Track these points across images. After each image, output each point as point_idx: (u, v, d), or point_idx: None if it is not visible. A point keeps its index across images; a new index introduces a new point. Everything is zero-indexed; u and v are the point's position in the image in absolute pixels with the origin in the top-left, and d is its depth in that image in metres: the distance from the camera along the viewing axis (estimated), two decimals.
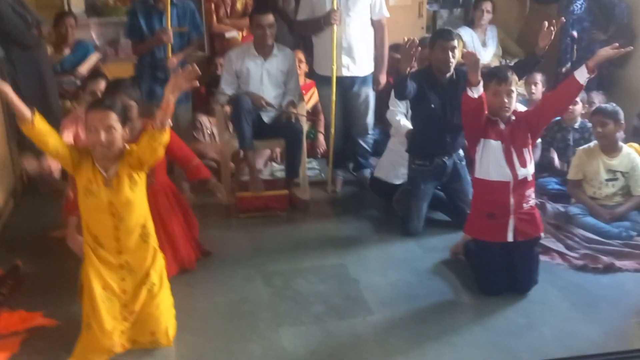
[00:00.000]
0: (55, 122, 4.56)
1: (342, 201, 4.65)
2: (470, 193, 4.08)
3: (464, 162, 4.08)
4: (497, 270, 3.27)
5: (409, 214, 4.04)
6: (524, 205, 3.24)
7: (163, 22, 4.44)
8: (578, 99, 4.45)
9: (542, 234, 3.38)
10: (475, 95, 3.13)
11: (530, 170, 3.25)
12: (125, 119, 2.79)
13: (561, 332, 2.97)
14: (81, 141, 3.26)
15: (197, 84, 2.69)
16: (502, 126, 3.24)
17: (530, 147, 3.27)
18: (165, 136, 2.67)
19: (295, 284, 3.46)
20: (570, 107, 4.09)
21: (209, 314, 3.19)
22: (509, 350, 2.83)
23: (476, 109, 3.18)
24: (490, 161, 3.24)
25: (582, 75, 3.08)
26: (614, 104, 4.06)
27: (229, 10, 5.55)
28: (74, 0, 5.57)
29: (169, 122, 2.65)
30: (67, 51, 5.12)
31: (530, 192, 3.27)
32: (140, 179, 2.83)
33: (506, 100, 3.20)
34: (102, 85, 3.58)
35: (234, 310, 3.22)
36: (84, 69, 5.07)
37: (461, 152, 4.08)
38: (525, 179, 3.23)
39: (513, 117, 3.26)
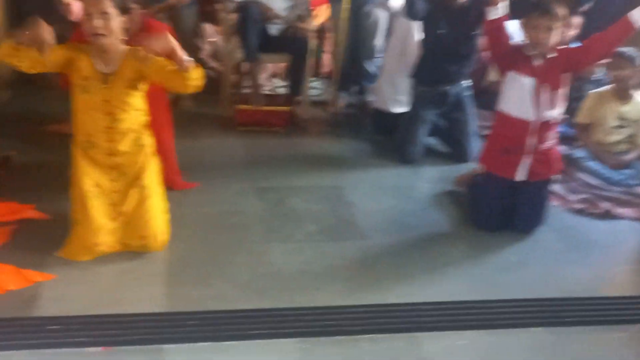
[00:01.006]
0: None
1: (342, 123, 4.57)
2: (471, 125, 4.03)
3: (468, 93, 3.98)
4: (498, 207, 3.22)
5: (406, 139, 3.97)
6: (543, 145, 3.13)
7: None
8: None
9: (554, 177, 3.29)
10: (493, 17, 2.98)
11: (557, 111, 3.10)
12: (124, 8, 2.66)
13: (552, 272, 2.96)
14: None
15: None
16: (537, 62, 3.07)
17: (564, 88, 3.10)
18: (195, 75, 2.58)
19: (289, 201, 3.43)
20: None
21: (199, 223, 3.16)
22: (497, 284, 2.83)
23: (496, 32, 3.02)
24: (516, 97, 3.08)
25: (638, 16, 2.87)
26: (636, 49, 3.91)
27: None
28: None
29: (188, 59, 2.54)
30: None
31: (553, 134, 3.15)
32: (142, 87, 2.73)
33: (543, 35, 2.98)
34: None
35: (225, 222, 3.20)
36: None
37: (467, 82, 3.97)
38: (549, 120, 3.08)
39: (554, 54, 3.07)
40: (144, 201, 2.81)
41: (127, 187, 2.80)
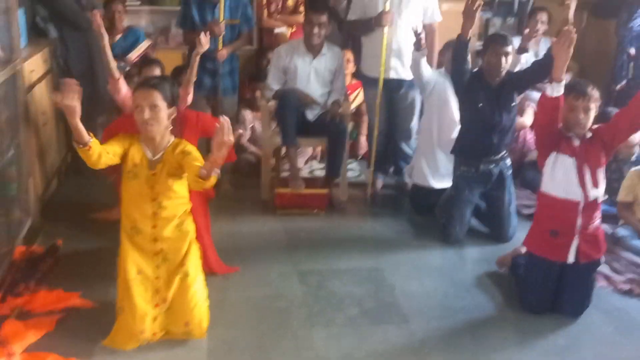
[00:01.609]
0: (102, 105, 4.69)
1: (380, 204, 4.60)
2: (512, 204, 4.02)
3: (510, 172, 4.00)
4: (545, 289, 3.17)
5: (450, 220, 3.98)
6: (590, 226, 3.10)
7: (216, 13, 4.43)
8: None
9: (603, 257, 3.24)
10: (554, 94, 2.96)
11: (601, 191, 3.09)
12: (172, 100, 2.80)
13: (602, 356, 2.87)
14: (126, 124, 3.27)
15: (232, 139, 2.57)
16: (577, 142, 3.09)
17: (603, 167, 3.11)
18: (209, 183, 2.64)
19: (330, 284, 3.43)
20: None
21: (242, 308, 3.18)
22: None
23: (551, 110, 3.01)
24: (561, 178, 3.08)
25: None
26: None
27: (280, 6, 5.53)
28: None
29: (216, 171, 2.60)
30: (118, 36, 5.15)
31: (598, 213, 3.13)
32: (184, 176, 2.83)
33: (582, 117, 3.02)
34: (156, 71, 3.62)
35: (268, 306, 3.20)
36: (134, 55, 5.10)
37: (509, 161, 4.00)
38: (595, 200, 3.07)
39: (589, 134, 3.10)
40: (187, 288, 2.83)
41: (170, 274, 2.85)
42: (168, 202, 2.82)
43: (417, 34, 4.07)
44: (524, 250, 3.48)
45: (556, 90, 2.96)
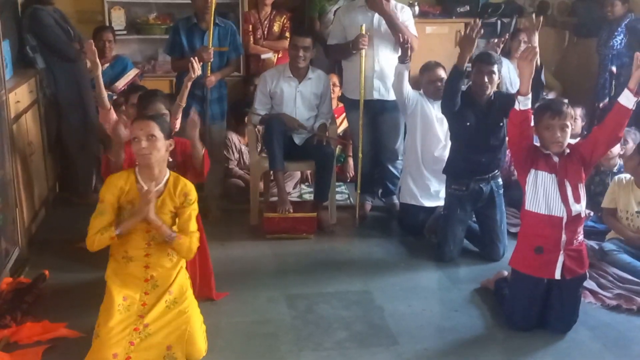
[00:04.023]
0: (92, 134, 4.71)
1: (369, 226, 4.60)
2: (503, 223, 4.04)
3: (501, 191, 4.02)
4: (532, 306, 3.17)
5: (444, 239, 3.99)
6: (574, 241, 3.12)
7: (204, 40, 4.47)
8: (629, 139, 4.39)
9: (587, 272, 3.26)
10: (522, 108, 3.03)
11: (583, 205, 3.12)
12: (169, 132, 2.85)
13: None
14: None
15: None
16: (556, 159, 3.13)
17: (584, 181, 3.15)
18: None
19: (319, 308, 3.43)
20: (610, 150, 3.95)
21: (231, 333, 3.16)
22: None
23: (521, 124, 3.06)
24: (544, 194, 3.11)
25: (628, 99, 2.96)
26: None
27: (265, 32, 5.59)
28: (115, 17, 5.67)
29: (172, 237, 2.82)
30: (106, 65, 5.19)
31: (581, 228, 3.16)
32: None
33: (559, 135, 3.07)
34: None
35: (256, 331, 3.19)
36: (122, 83, 5.14)
37: (500, 180, 4.03)
38: (578, 214, 3.10)
39: (567, 151, 3.14)
40: (170, 312, 2.83)
41: (157, 300, 2.85)
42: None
43: (403, 45, 4.11)
44: (506, 274, 3.51)
45: (523, 103, 3.03)
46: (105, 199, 2.83)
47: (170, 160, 3.17)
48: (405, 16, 4.48)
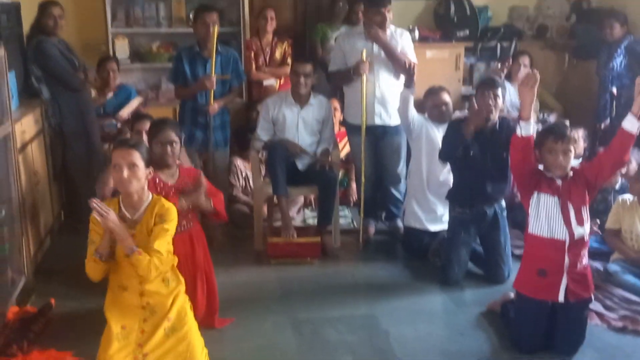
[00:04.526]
0: (97, 162, 4.75)
1: (373, 250, 4.62)
2: (507, 245, 4.05)
3: (504, 213, 4.04)
4: (537, 328, 3.16)
5: (449, 262, 4.00)
6: (578, 264, 3.11)
7: (207, 69, 4.53)
8: (633, 159, 4.42)
9: (592, 295, 3.25)
10: (523, 134, 3.06)
11: (587, 229, 3.12)
12: (149, 160, 2.86)
13: None
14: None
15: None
16: (559, 182, 3.14)
17: (587, 204, 3.15)
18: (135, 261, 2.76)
19: (324, 333, 3.43)
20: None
21: (237, 359, 3.15)
22: None
23: (523, 150, 3.08)
24: (546, 217, 3.12)
25: (632, 124, 2.97)
26: None
27: (267, 59, 5.66)
28: (119, 46, 5.74)
29: (132, 250, 2.73)
30: (110, 94, 5.25)
31: (585, 251, 3.15)
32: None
33: (562, 159, 3.08)
34: (147, 125, 3.68)
35: (262, 357, 3.20)
36: (126, 112, 5.19)
37: (503, 202, 4.04)
38: (582, 238, 3.10)
39: (570, 174, 3.15)
40: (168, 338, 2.83)
41: (155, 327, 2.84)
42: None
43: (407, 71, 4.15)
44: (512, 295, 3.51)
45: (524, 129, 3.07)
46: (92, 229, 2.84)
47: (184, 203, 3.25)
48: (405, 42, 4.54)
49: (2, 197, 3.57)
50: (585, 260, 3.15)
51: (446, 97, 4.40)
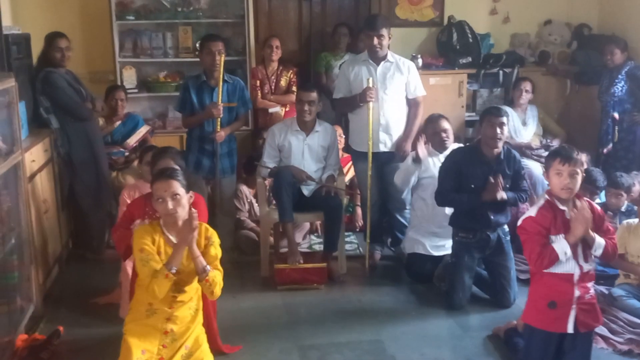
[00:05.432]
0: (105, 191, 4.80)
1: (379, 275, 4.63)
2: (512, 269, 4.05)
3: (508, 237, 4.06)
4: (545, 357, 3.10)
5: (453, 286, 4.01)
6: (586, 296, 3.06)
7: (214, 97, 4.60)
8: (636, 182, 4.47)
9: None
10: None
11: (595, 263, 3.10)
12: (187, 186, 2.92)
13: None
14: (140, 204, 3.40)
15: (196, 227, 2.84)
16: (568, 216, 3.03)
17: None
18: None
19: (331, 358, 3.44)
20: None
21: None
22: None
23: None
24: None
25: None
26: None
27: (273, 87, 5.74)
28: (126, 76, 5.83)
29: (207, 269, 2.85)
30: (118, 123, 5.32)
31: (592, 282, 3.11)
32: None
33: (568, 181, 3.01)
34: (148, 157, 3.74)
35: None
36: (133, 140, 5.26)
37: (506, 227, 4.06)
38: (589, 271, 3.05)
39: (578, 202, 3.04)
40: None
41: (173, 353, 2.87)
42: (189, 285, 2.92)
43: (417, 154, 4.28)
44: (515, 323, 3.51)
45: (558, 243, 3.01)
46: (145, 248, 2.85)
47: None
48: (412, 75, 4.61)
49: (11, 225, 3.61)
50: (592, 290, 3.11)
51: (446, 125, 4.45)
